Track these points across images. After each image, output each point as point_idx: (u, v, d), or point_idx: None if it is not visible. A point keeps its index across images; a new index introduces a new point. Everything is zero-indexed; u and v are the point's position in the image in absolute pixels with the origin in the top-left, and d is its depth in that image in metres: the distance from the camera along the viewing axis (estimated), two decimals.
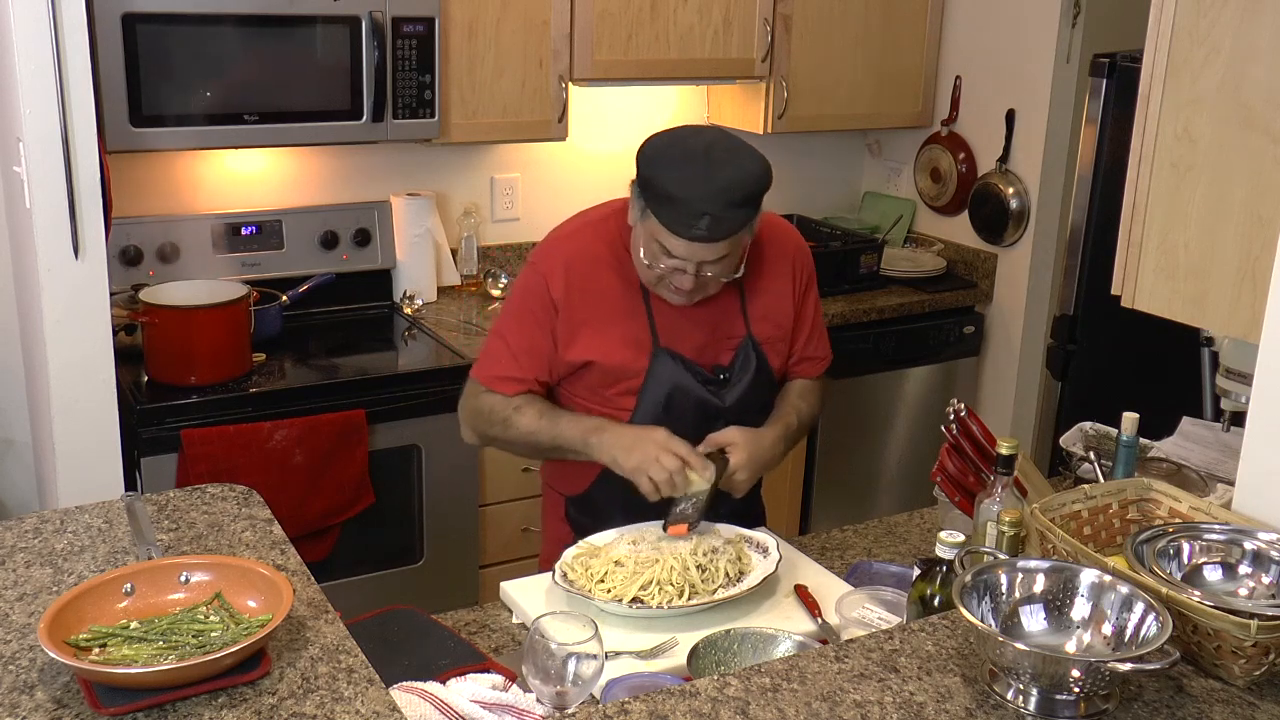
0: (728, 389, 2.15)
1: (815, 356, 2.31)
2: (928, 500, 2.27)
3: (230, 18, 2.87)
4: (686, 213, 1.92)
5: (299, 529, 2.70)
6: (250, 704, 1.38)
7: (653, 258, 2.00)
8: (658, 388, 2.11)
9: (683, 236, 1.94)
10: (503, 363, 2.14)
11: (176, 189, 3.28)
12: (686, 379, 2.11)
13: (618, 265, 2.11)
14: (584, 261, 2.11)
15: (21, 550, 1.72)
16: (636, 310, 2.11)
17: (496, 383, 2.14)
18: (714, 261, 1.99)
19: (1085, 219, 3.38)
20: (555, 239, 2.18)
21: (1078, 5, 3.66)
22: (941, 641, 1.53)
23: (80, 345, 2.55)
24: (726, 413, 2.14)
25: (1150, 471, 2.06)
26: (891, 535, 2.24)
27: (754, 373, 2.16)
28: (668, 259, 1.98)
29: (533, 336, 2.12)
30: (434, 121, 3.16)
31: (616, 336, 2.10)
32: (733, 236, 1.97)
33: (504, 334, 2.16)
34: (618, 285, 2.11)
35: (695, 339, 2.13)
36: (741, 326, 2.16)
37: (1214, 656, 1.46)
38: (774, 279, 2.20)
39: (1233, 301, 1.85)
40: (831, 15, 3.78)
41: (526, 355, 2.12)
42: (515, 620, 1.93)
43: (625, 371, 2.11)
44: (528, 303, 2.13)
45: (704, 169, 1.93)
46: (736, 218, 1.95)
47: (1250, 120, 1.80)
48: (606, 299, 2.10)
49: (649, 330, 2.11)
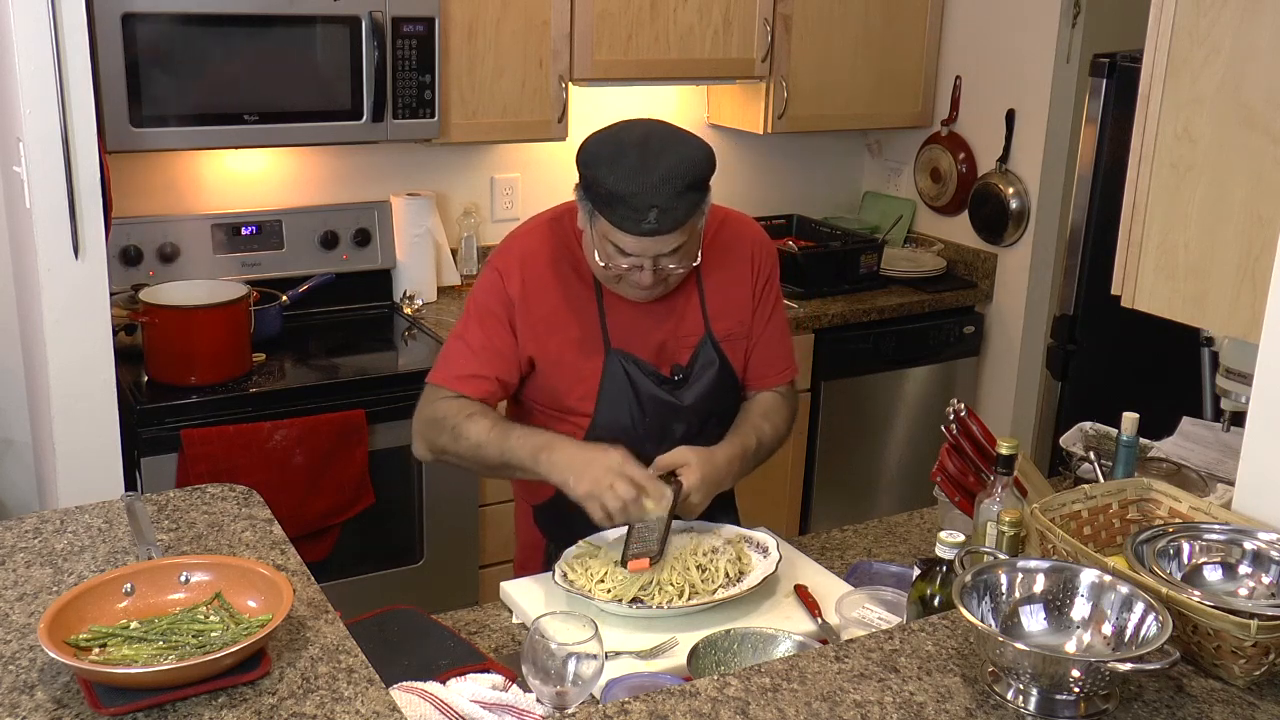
0: (686, 388, 2.10)
1: (771, 364, 2.20)
2: (928, 500, 2.26)
3: (230, 18, 2.87)
4: (633, 208, 1.87)
5: (299, 529, 2.70)
6: (250, 704, 1.38)
7: (608, 258, 1.96)
8: (614, 391, 2.06)
9: (633, 233, 1.89)
10: (462, 361, 2.07)
11: (176, 189, 3.28)
12: (641, 380, 2.07)
13: (571, 265, 2.07)
14: (538, 260, 2.07)
15: (21, 550, 1.72)
16: (589, 312, 2.07)
17: (457, 382, 2.06)
18: (670, 253, 1.94)
19: (1085, 219, 3.39)
20: (510, 238, 2.14)
21: (1078, 5, 3.66)
22: (941, 641, 1.53)
23: (80, 345, 2.55)
24: (687, 412, 2.10)
25: (1150, 471, 2.06)
26: (891, 535, 2.24)
27: (716, 371, 2.12)
28: (623, 257, 1.94)
29: (492, 334, 2.06)
30: (434, 121, 3.16)
31: (570, 338, 2.06)
32: (684, 225, 1.92)
33: (463, 335, 2.10)
34: (571, 285, 2.07)
35: (653, 339, 2.09)
36: (700, 324, 2.11)
37: (1214, 656, 1.46)
38: (732, 273, 2.14)
39: (1233, 301, 1.85)
40: (831, 15, 3.78)
41: (487, 352, 2.06)
42: (515, 620, 1.93)
43: (577, 374, 2.07)
44: (486, 301, 2.07)
45: (643, 161, 1.88)
46: (684, 205, 1.89)
47: (1250, 120, 1.80)
48: (559, 299, 2.06)
49: (600, 332, 2.07)
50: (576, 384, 2.08)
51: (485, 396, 2.07)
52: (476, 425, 2.01)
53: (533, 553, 2.26)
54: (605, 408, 2.07)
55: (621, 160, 1.89)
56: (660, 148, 1.91)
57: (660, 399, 2.08)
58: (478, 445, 2.01)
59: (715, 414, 2.14)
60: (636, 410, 2.07)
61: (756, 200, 4.10)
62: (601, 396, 2.07)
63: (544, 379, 2.09)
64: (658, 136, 1.94)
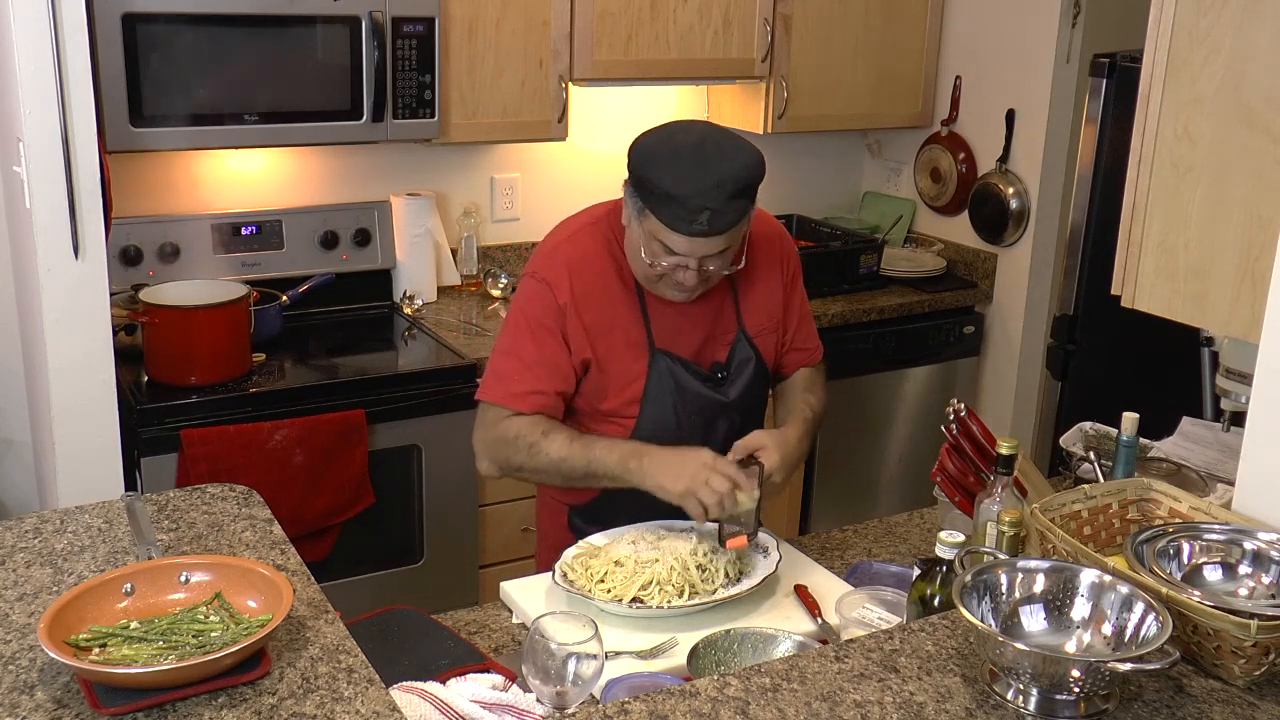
0: (729, 384, 2.15)
1: (807, 347, 2.31)
2: (928, 500, 2.27)
3: (230, 18, 2.87)
4: (686, 209, 1.91)
5: (299, 529, 2.70)
6: (250, 704, 1.38)
7: (654, 256, 1.99)
8: (661, 392, 2.10)
9: (684, 233, 1.93)
10: (520, 379, 2.07)
11: (176, 189, 3.28)
12: (687, 379, 2.11)
13: (615, 268, 2.10)
14: (585, 265, 2.09)
15: (21, 550, 1.72)
16: (634, 313, 2.10)
17: (515, 400, 2.06)
18: (716, 255, 1.98)
19: (1085, 219, 3.38)
20: (553, 244, 2.15)
21: (1078, 5, 3.66)
22: (941, 641, 1.53)
23: (80, 345, 2.55)
24: (730, 408, 2.15)
25: (1150, 471, 2.06)
26: (891, 535, 2.24)
27: (753, 366, 2.17)
28: (670, 256, 1.97)
29: (546, 347, 2.06)
30: (434, 121, 3.16)
31: (618, 340, 2.09)
32: (734, 229, 1.96)
33: (514, 350, 2.09)
34: (616, 289, 2.09)
35: (693, 338, 2.13)
36: (734, 321, 2.16)
37: (1214, 656, 1.46)
38: (763, 271, 2.19)
39: (1233, 301, 1.85)
40: (831, 15, 3.78)
41: (543, 367, 2.06)
42: (515, 620, 1.93)
43: (625, 377, 2.09)
44: (535, 313, 2.07)
45: (699, 164, 1.92)
46: (736, 210, 1.94)
47: (1250, 120, 1.80)
48: (607, 302, 2.09)
49: (645, 333, 2.10)
50: (624, 387, 2.10)
51: (546, 411, 2.08)
52: (554, 442, 2.04)
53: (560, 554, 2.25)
54: (650, 408, 2.10)
55: (678, 161, 1.93)
56: (717, 152, 1.95)
57: (705, 397, 2.12)
58: (561, 460, 2.03)
59: (752, 408, 2.19)
60: (681, 409, 2.10)
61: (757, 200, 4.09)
62: (647, 397, 2.10)
63: (593, 383, 2.11)
64: (713, 140, 1.98)
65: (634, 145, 1.99)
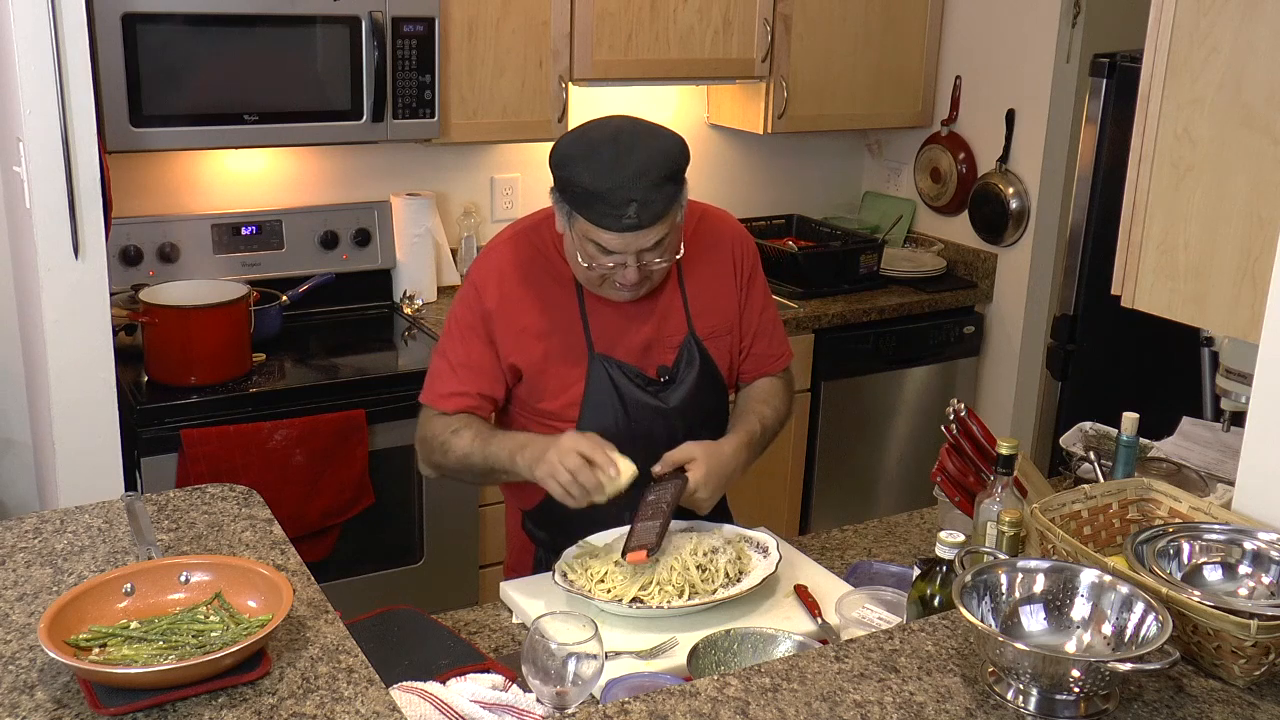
0: (671, 390, 2.10)
1: (770, 354, 2.23)
2: (928, 500, 2.27)
3: (230, 18, 2.87)
4: (611, 204, 1.87)
5: (299, 529, 2.70)
6: (250, 704, 1.38)
7: (590, 259, 1.95)
8: (598, 396, 2.06)
9: (614, 230, 1.88)
10: (444, 380, 2.09)
11: (176, 189, 3.28)
12: (625, 384, 2.07)
13: (549, 272, 2.07)
14: (516, 270, 2.07)
15: (21, 550, 1.72)
16: (571, 318, 2.07)
17: (440, 400, 2.09)
18: (653, 248, 1.94)
19: (1085, 219, 3.39)
20: (486, 251, 2.13)
21: (1078, 5, 3.66)
22: (941, 641, 1.53)
23: (80, 345, 2.55)
24: (672, 414, 2.10)
25: (1150, 471, 2.06)
26: (891, 535, 2.24)
27: (698, 371, 2.11)
28: (606, 256, 1.93)
29: (471, 349, 2.07)
30: (434, 121, 3.16)
31: (554, 346, 2.06)
32: (664, 218, 1.91)
33: (444, 352, 2.11)
34: (551, 293, 2.07)
35: (636, 341, 2.09)
36: (684, 324, 2.11)
37: (1214, 656, 1.46)
38: (713, 270, 2.15)
39: (1233, 301, 1.85)
40: (831, 15, 3.78)
41: (466, 369, 2.08)
42: (515, 620, 1.93)
43: (561, 381, 2.07)
44: (465, 316, 2.08)
45: (616, 157, 1.87)
46: (662, 197, 1.89)
47: (1250, 120, 1.80)
48: (540, 308, 2.06)
49: (584, 338, 2.07)
50: (561, 391, 2.08)
51: (470, 412, 2.09)
52: (461, 439, 2.05)
53: (523, 557, 2.26)
54: (590, 413, 2.07)
55: (594, 158, 1.89)
56: (631, 142, 1.90)
57: (645, 403, 2.08)
58: (465, 456, 2.05)
59: (701, 415, 2.13)
60: (621, 415, 2.07)
61: (756, 200, 4.11)
62: (586, 402, 2.07)
63: (529, 387, 2.10)
64: (628, 132, 1.93)
65: (552, 149, 1.95)
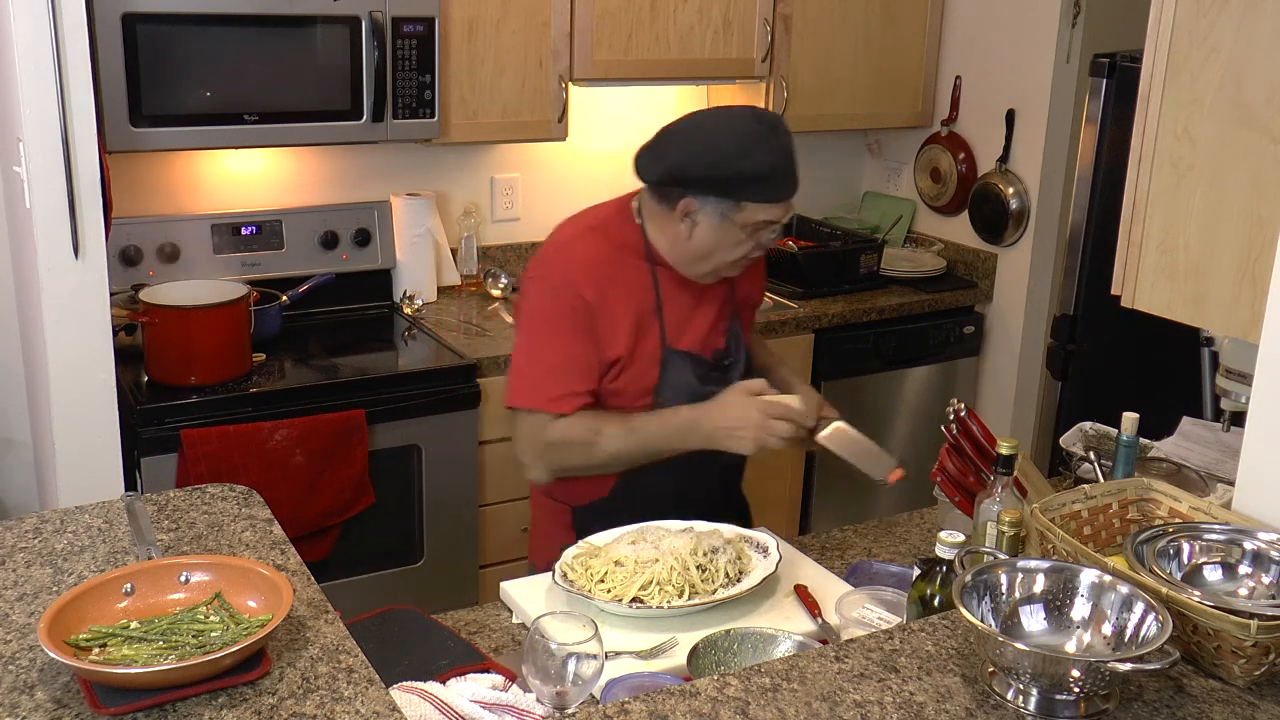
0: (732, 370, 2.22)
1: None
2: (928, 500, 2.27)
3: (230, 18, 2.87)
4: (774, 179, 2.02)
5: (299, 529, 2.70)
6: (250, 704, 1.38)
7: (754, 236, 2.07)
8: (673, 384, 2.13)
9: (784, 200, 2.05)
10: (552, 381, 2.08)
11: (176, 189, 3.28)
12: (696, 373, 2.15)
13: (633, 266, 2.12)
14: (601, 263, 2.10)
15: (21, 550, 1.72)
16: (650, 311, 2.13)
17: (552, 404, 2.07)
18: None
19: (1085, 219, 3.39)
20: (562, 245, 2.15)
21: (1078, 5, 3.66)
22: (941, 641, 1.53)
23: (80, 345, 2.55)
24: None
25: (1150, 471, 2.06)
26: (891, 535, 2.25)
27: (743, 349, 2.26)
28: (770, 229, 2.08)
29: (570, 346, 2.07)
30: (434, 121, 3.16)
31: (639, 338, 2.12)
32: None
33: (541, 353, 2.10)
34: (635, 287, 2.12)
35: (700, 330, 2.18)
36: (730, 308, 2.23)
37: (1214, 656, 1.46)
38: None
39: (1233, 301, 1.85)
40: (831, 15, 3.78)
41: (572, 366, 2.08)
42: (515, 620, 1.93)
43: (642, 372, 2.13)
44: (560, 311, 2.08)
45: (761, 137, 2.02)
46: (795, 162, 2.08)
47: (1250, 120, 1.80)
48: (625, 302, 2.11)
49: (659, 330, 2.14)
50: (639, 380, 2.13)
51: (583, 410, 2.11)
52: (607, 438, 2.08)
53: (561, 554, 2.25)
54: (664, 403, 2.14)
55: (755, 149, 2.01)
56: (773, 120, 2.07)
57: (709, 391, 2.13)
58: (616, 453, 2.09)
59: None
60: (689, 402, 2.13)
61: None
62: (660, 391, 2.14)
63: (612, 380, 2.12)
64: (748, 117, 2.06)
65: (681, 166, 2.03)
